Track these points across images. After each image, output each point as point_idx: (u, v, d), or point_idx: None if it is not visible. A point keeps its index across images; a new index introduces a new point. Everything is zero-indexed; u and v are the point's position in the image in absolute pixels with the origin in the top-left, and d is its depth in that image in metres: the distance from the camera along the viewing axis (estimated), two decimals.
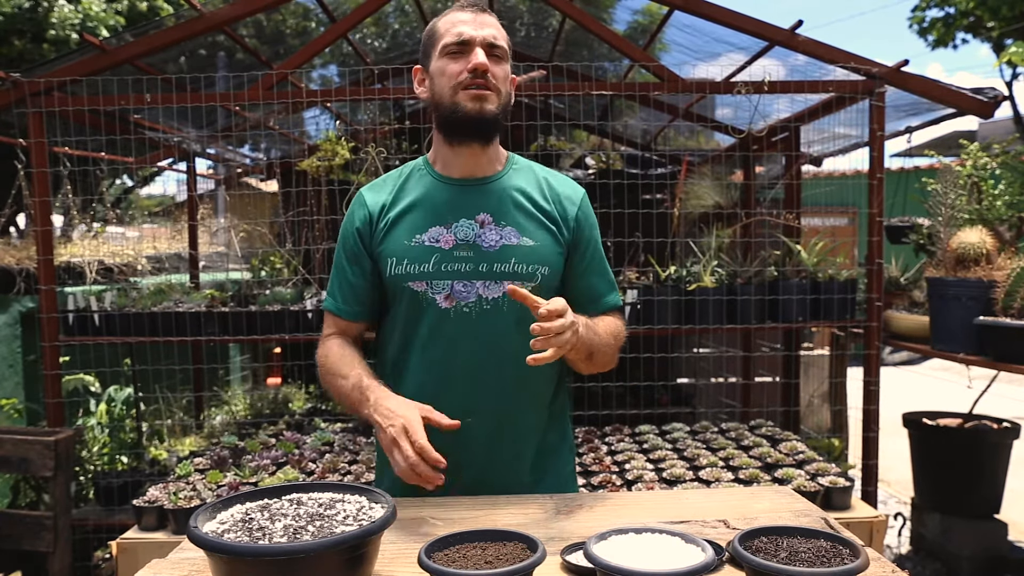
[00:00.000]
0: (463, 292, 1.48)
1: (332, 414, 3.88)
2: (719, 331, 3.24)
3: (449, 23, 1.51)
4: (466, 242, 1.49)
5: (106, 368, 3.76)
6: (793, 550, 1.05)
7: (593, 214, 1.64)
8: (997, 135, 8.57)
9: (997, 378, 3.54)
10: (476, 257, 1.49)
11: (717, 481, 2.58)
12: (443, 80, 1.49)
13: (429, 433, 1.35)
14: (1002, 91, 3.14)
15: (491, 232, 1.50)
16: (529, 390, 1.56)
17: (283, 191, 4.07)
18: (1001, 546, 3.58)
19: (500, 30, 1.52)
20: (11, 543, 2.69)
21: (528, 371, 1.51)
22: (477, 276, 1.48)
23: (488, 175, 1.56)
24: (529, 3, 4.74)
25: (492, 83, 1.47)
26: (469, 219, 1.51)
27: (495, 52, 1.49)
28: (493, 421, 1.52)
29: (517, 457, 1.57)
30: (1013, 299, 2.72)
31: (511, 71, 1.57)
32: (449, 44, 1.48)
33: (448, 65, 1.48)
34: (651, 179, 4.70)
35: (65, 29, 7.14)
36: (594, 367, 1.54)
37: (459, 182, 1.55)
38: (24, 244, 3.99)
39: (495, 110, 1.49)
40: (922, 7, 14.21)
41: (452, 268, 1.48)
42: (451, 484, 1.40)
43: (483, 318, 1.49)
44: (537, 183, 1.59)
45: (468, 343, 1.49)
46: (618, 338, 1.58)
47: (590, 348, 1.45)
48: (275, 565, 0.97)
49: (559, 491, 1.60)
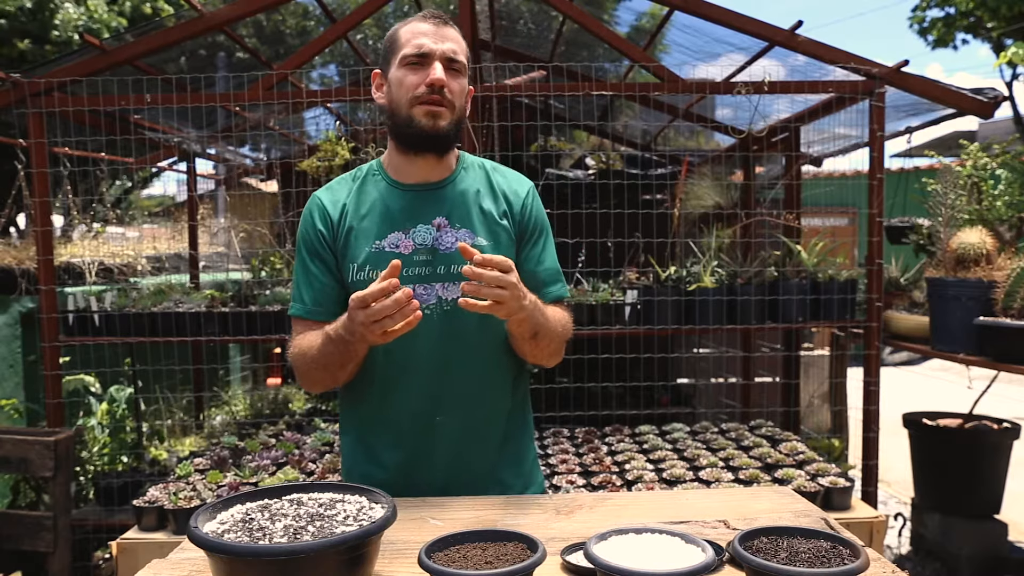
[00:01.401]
0: (424, 295, 1.51)
1: (332, 414, 3.88)
2: (719, 331, 3.24)
3: (410, 33, 1.52)
4: (424, 246, 1.52)
5: (106, 368, 3.76)
6: (793, 550, 1.05)
7: (541, 206, 1.66)
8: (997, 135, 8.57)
9: (997, 378, 3.54)
10: (434, 260, 1.52)
11: (717, 481, 2.58)
12: (400, 91, 1.51)
13: (398, 428, 1.49)
14: (1002, 91, 3.14)
15: (447, 235, 1.53)
16: (492, 385, 1.58)
17: (283, 191, 4.07)
18: (1001, 546, 3.57)
19: (461, 44, 1.55)
20: (11, 543, 2.69)
21: (490, 366, 1.56)
22: (436, 278, 1.51)
23: (442, 178, 1.58)
24: (530, 3, 4.75)
25: (447, 98, 1.50)
26: (426, 224, 1.54)
27: (453, 66, 1.51)
28: (458, 417, 1.54)
29: (484, 447, 1.59)
30: (1013, 299, 2.72)
31: (475, 79, 1.61)
32: (409, 55, 1.50)
33: (407, 76, 1.50)
34: (651, 179, 4.71)
35: (68, 31, 7.15)
36: (539, 352, 1.54)
37: (413, 187, 1.57)
38: (24, 244, 3.99)
39: (448, 126, 1.51)
40: (922, 7, 14.21)
41: (412, 272, 1.51)
42: (424, 481, 1.52)
43: (444, 319, 1.51)
44: (487, 182, 1.61)
45: (430, 344, 1.51)
46: (565, 328, 1.59)
47: (535, 327, 1.46)
48: (275, 565, 0.97)
49: (525, 481, 1.64)
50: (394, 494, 1.44)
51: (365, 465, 1.58)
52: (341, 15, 3.69)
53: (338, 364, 1.46)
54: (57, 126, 3.13)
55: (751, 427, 3.32)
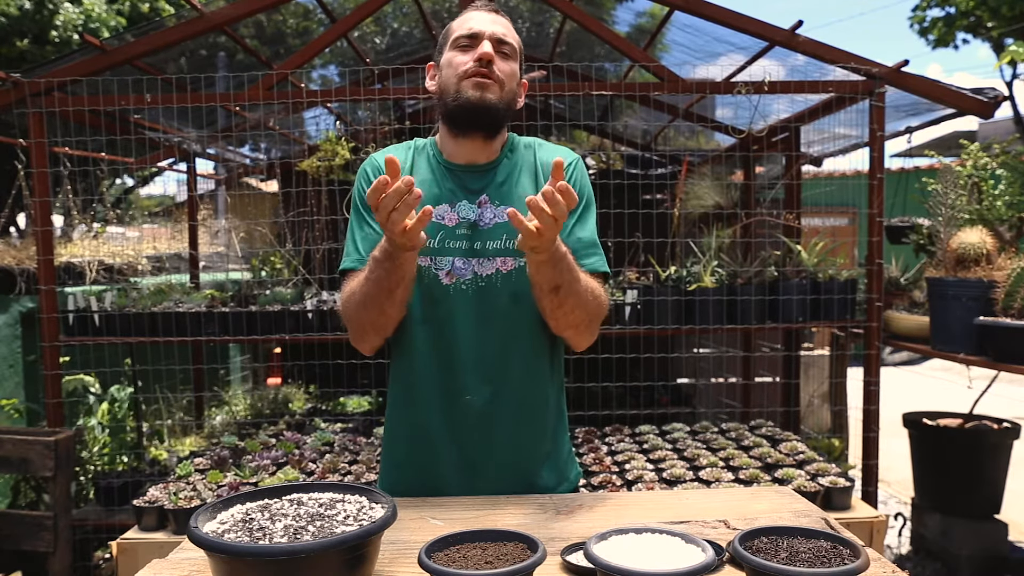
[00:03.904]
0: (462, 269, 1.52)
1: (332, 414, 3.88)
2: (719, 331, 3.24)
3: (463, 20, 1.57)
4: (466, 220, 1.54)
5: (106, 368, 3.76)
6: (793, 550, 1.05)
7: (586, 178, 1.63)
8: (997, 135, 8.57)
9: (997, 378, 3.54)
10: (472, 236, 1.53)
11: (717, 481, 2.58)
12: (450, 71, 1.53)
13: (452, 424, 1.49)
14: (1002, 91, 3.14)
15: (488, 212, 1.54)
16: (527, 363, 1.57)
17: (283, 191, 4.07)
18: (1001, 546, 3.57)
19: (512, 32, 1.57)
20: (11, 543, 2.69)
21: (525, 344, 1.55)
22: (472, 254, 1.52)
23: (489, 160, 1.60)
24: (530, 3, 4.75)
25: (496, 75, 1.50)
26: (471, 201, 1.56)
27: (503, 49, 1.53)
28: (493, 396, 1.53)
29: (538, 429, 1.59)
30: (1013, 299, 2.72)
31: (522, 74, 1.60)
32: (460, 37, 1.53)
33: (456, 56, 1.53)
34: (651, 179, 4.71)
35: (68, 30, 7.15)
36: (561, 315, 1.46)
37: (462, 167, 1.59)
38: (24, 244, 3.99)
39: (496, 100, 1.51)
40: (922, 7, 14.22)
41: (453, 245, 1.52)
42: (481, 464, 1.52)
43: (479, 295, 1.52)
44: (531, 161, 1.62)
45: (465, 320, 1.52)
46: (596, 298, 1.50)
47: (557, 279, 1.39)
48: (275, 565, 0.97)
49: (559, 476, 1.63)
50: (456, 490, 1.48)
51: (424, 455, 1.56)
52: (341, 15, 3.69)
53: (385, 290, 1.41)
54: (57, 126, 3.13)
55: (751, 427, 3.32)
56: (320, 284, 3.44)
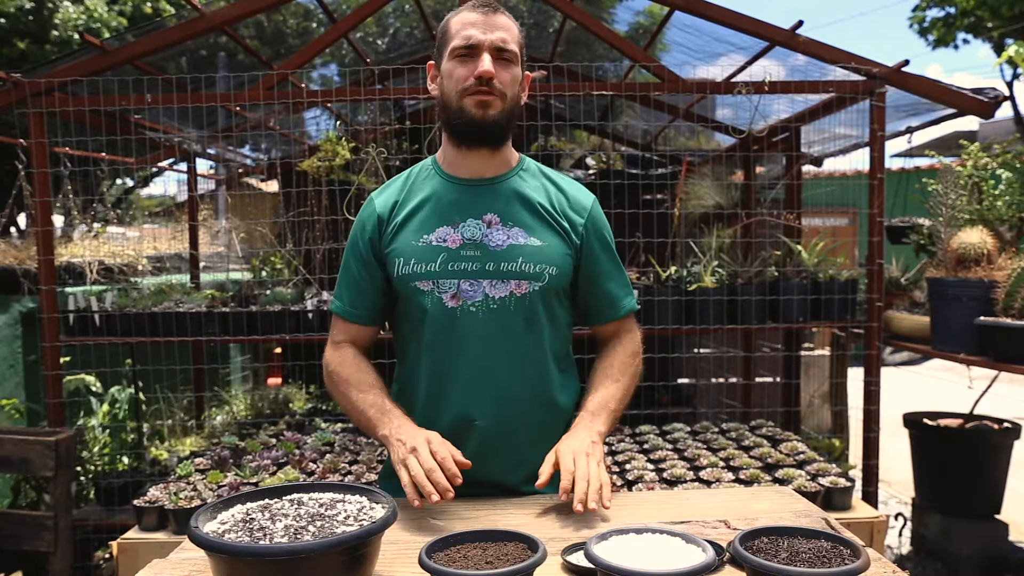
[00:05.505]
0: (469, 291, 1.49)
1: (332, 414, 3.88)
2: (719, 331, 3.24)
3: (459, 24, 1.50)
4: (473, 241, 1.50)
5: (107, 368, 3.76)
6: (794, 550, 1.05)
7: (604, 219, 1.65)
8: (998, 135, 8.57)
9: (997, 378, 3.54)
10: (483, 256, 1.49)
11: (718, 481, 2.58)
12: (450, 83, 1.50)
13: (459, 446, 1.45)
14: (1002, 91, 3.14)
15: (498, 232, 1.51)
16: (537, 387, 1.55)
17: (283, 191, 4.07)
18: (1002, 547, 3.57)
19: (512, 31, 1.52)
20: (11, 543, 2.69)
21: (536, 369, 1.54)
22: (484, 275, 1.49)
23: (497, 175, 1.56)
24: (530, 3, 4.75)
25: (498, 89, 1.47)
26: (476, 219, 1.52)
27: (503, 56, 1.49)
28: (505, 421, 1.52)
29: (539, 453, 1.56)
30: (1013, 299, 2.72)
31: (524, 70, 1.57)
32: (458, 47, 1.48)
33: (456, 69, 1.49)
34: (651, 179, 4.70)
35: (68, 30, 7.15)
36: None
37: (466, 182, 1.55)
38: (25, 244, 3.99)
39: (498, 116, 1.49)
40: (922, 7, 14.22)
41: (458, 267, 1.49)
42: (487, 484, 1.52)
43: (490, 317, 1.49)
44: (545, 190, 1.59)
45: (474, 342, 1.49)
46: (637, 374, 1.62)
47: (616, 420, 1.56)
48: (276, 565, 0.97)
49: None
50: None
51: None
52: (341, 15, 3.69)
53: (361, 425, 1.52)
54: (58, 126, 3.13)
55: (751, 427, 3.31)
56: (320, 284, 3.44)
